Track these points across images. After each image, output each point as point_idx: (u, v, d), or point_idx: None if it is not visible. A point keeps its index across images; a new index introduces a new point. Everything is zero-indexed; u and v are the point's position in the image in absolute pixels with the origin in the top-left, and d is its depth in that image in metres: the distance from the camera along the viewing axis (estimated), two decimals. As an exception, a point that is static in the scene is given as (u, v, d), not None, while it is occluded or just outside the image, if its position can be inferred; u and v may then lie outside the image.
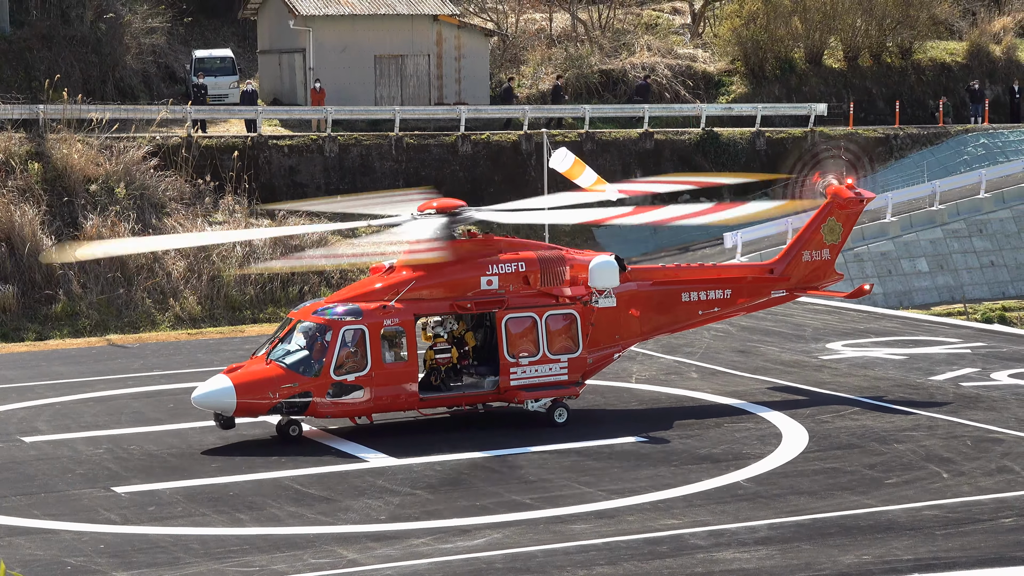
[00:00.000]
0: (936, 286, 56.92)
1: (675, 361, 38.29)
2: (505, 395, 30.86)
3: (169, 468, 28.08)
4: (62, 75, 58.86)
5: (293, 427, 29.93)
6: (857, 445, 29.04)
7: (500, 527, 23.89)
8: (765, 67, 71.30)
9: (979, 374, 35.67)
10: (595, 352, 31.72)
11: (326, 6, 64.38)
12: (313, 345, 29.70)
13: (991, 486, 25.88)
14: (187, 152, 54.92)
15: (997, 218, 59.72)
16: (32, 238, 49.04)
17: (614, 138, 62.42)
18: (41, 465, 28.56)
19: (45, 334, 46.81)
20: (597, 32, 74.75)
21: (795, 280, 34.29)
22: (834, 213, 34.53)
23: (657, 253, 57.63)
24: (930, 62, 74.77)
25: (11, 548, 23.17)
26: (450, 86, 65.61)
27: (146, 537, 23.66)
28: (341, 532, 23.79)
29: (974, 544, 22.53)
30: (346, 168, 58.03)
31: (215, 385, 29.51)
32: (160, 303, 49.24)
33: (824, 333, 41.88)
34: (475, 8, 76.25)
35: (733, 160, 63.09)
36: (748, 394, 33.98)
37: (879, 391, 33.98)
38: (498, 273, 30.95)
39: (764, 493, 25.69)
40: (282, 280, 50.88)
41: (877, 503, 24.89)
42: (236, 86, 64.38)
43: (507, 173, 59.84)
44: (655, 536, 23.20)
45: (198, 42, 72.57)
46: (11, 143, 52.29)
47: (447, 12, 65.80)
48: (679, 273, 33.70)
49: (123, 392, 35.72)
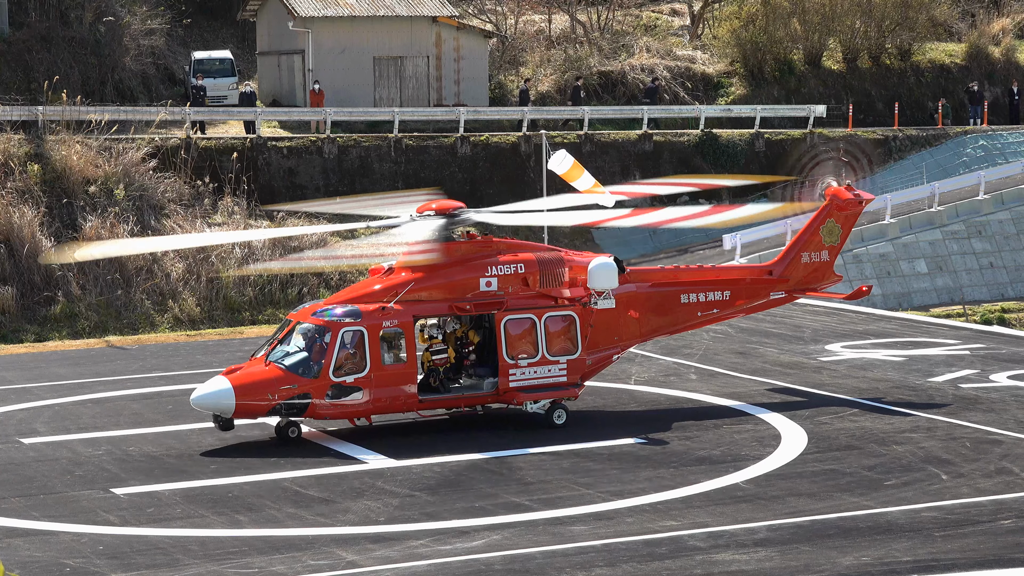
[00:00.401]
0: (935, 288, 56.93)
1: (674, 363, 38.28)
2: (504, 397, 30.85)
3: (168, 469, 28.07)
4: (61, 76, 58.86)
5: (292, 428, 29.92)
6: (856, 447, 29.03)
7: (499, 529, 23.88)
8: (764, 69, 71.32)
9: (978, 376, 35.66)
10: (594, 354, 31.72)
11: (325, 7, 64.40)
12: (312, 347, 29.69)
13: (990, 487, 25.87)
14: (186, 153, 54.93)
15: (996, 220, 59.72)
16: (31, 239, 49.03)
17: (613, 140, 62.42)
18: (40, 467, 28.55)
19: (44, 336, 46.81)
20: (596, 34, 74.76)
21: (794, 282, 34.29)
22: (833, 215, 34.53)
23: (656, 255, 57.65)
24: (929, 64, 74.79)
25: (10, 549, 23.17)
26: (449, 87, 65.62)
27: (145, 538, 23.65)
28: (340, 533, 23.78)
29: (973, 546, 22.53)
30: (345, 169, 58.03)
31: (214, 387, 29.50)
32: (159, 305, 49.24)
33: (823, 335, 41.88)
34: (474, 10, 76.25)
35: (732, 162, 63.10)
36: (747, 396, 33.97)
37: (878, 392, 33.98)
38: (497, 275, 30.94)
39: (763, 495, 25.69)
40: (281, 282, 50.88)
41: (876, 505, 24.89)
42: (235, 87, 64.39)
43: (506, 175, 59.84)
44: (654, 538, 23.20)
45: (197, 43, 72.55)
46: (10, 144, 52.29)
47: (446, 14, 65.81)
48: (678, 275, 33.68)
49: (122, 394, 35.71)
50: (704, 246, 57.70)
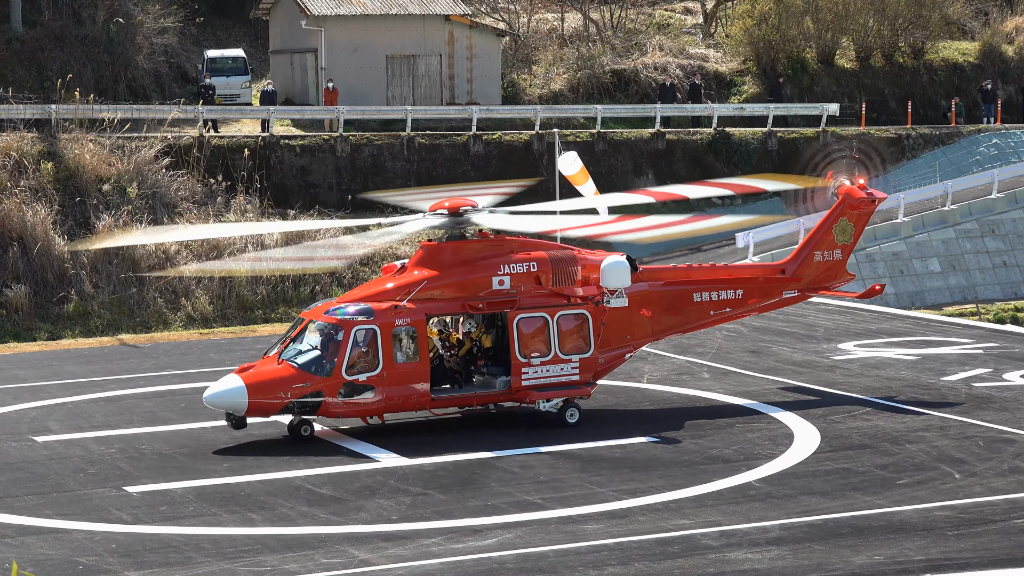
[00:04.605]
0: (948, 286, 56.85)
1: (687, 361, 38.27)
2: (517, 395, 30.85)
3: (181, 468, 28.11)
4: (74, 75, 58.92)
5: (305, 427, 29.95)
6: (869, 445, 29.01)
7: (512, 527, 23.89)
8: (777, 67, 71.24)
9: (991, 375, 35.62)
10: (607, 352, 31.71)
11: (338, 6, 64.40)
12: (325, 345, 29.71)
13: (1003, 487, 25.85)
14: (199, 152, 54.97)
15: (1010, 218, 59.62)
16: (44, 238, 49.10)
17: (626, 138, 62.39)
18: (53, 465, 28.61)
19: (57, 334, 46.87)
20: (609, 32, 74.73)
21: (807, 280, 34.26)
22: (846, 213, 34.51)
23: (669, 253, 57.57)
24: (942, 62, 74.66)
25: (23, 547, 23.22)
26: (462, 86, 65.60)
27: (158, 537, 23.69)
28: (353, 532, 23.80)
29: (986, 545, 22.51)
30: (358, 168, 58.04)
31: (227, 385, 29.54)
32: (172, 303, 49.28)
33: (836, 333, 41.84)
34: (487, 8, 76.22)
35: (745, 160, 63.03)
36: (760, 394, 33.96)
37: (891, 391, 33.95)
38: (510, 273, 30.95)
39: (776, 493, 25.68)
40: (293, 280, 50.91)
41: (889, 504, 24.87)
42: (248, 86, 64.41)
43: (519, 173, 59.77)
44: (667, 536, 23.20)
45: (210, 42, 72.62)
46: (24, 143, 52.37)
47: (459, 12, 65.79)
48: (691, 273, 33.67)
49: (135, 392, 35.77)
50: (717, 245, 57.65)
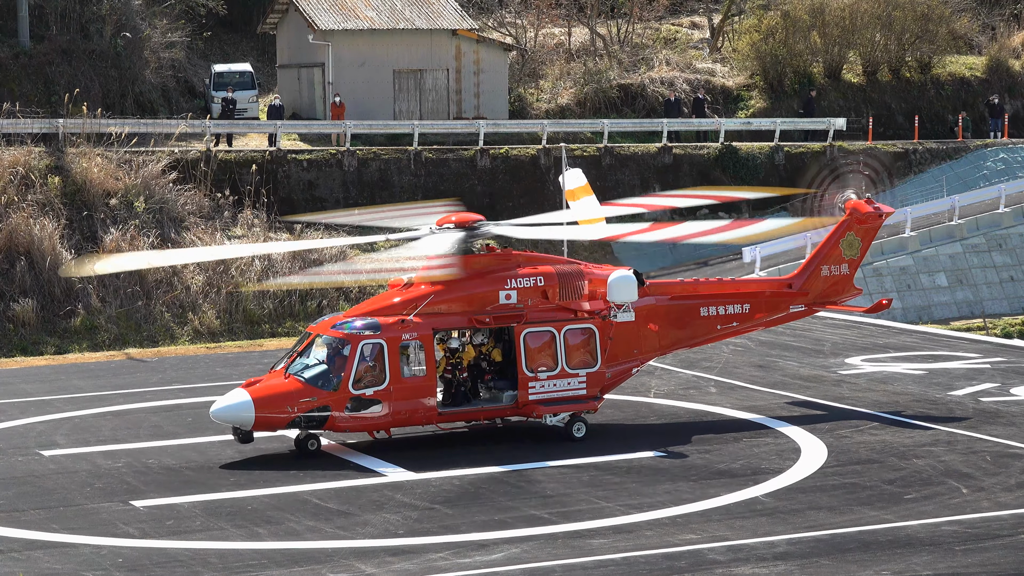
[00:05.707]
0: (955, 301, 56.82)
1: (694, 376, 38.24)
2: (523, 409, 30.82)
3: (187, 482, 28.10)
4: (81, 89, 59.02)
5: (311, 441, 29.93)
6: (876, 460, 28.97)
7: (518, 541, 23.87)
8: (784, 82, 71.28)
9: (999, 389, 35.57)
10: (613, 366, 31.68)
11: (345, 20, 64.52)
12: (332, 359, 29.70)
13: (1011, 502, 25.80)
14: (206, 166, 55.05)
15: (1017, 233, 59.60)
16: (51, 252, 49.16)
17: (633, 152, 62.43)
18: (60, 479, 28.60)
19: (64, 348, 46.91)
20: (616, 47, 74.79)
21: (814, 295, 34.24)
22: (853, 228, 34.48)
23: (675, 268, 57.61)
24: (949, 77, 74.68)
25: (30, 562, 23.21)
26: (469, 100, 65.68)
27: (164, 551, 23.68)
28: (359, 546, 23.79)
29: (994, 560, 22.47)
30: (365, 182, 58.11)
31: (234, 399, 29.52)
32: (179, 317, 49.32)
33: (843, 348, 41.80)
34: (494, 22, 76.32)
35: (752, 175, 63.07)
36: (767, 409, 33.92)
37: (898, 406, 33.90)
38: (516, 287, 30.93)
39: (783, 508, 25.64)
40: (300, 294, 50.95)
41: (896, 519, 24.83)
42: (255, 100, 64.49)
43: (526, 187, 59.87)
44: (673, 551, 23.17)
45: (217, 56, 72.74)
46: (31, 157, 52.45)
47: (466, 26, 65.88)
48: (697, 288, 33.64)
49: (141, 406, 35.76)
50: (724, 259, 57.65)
